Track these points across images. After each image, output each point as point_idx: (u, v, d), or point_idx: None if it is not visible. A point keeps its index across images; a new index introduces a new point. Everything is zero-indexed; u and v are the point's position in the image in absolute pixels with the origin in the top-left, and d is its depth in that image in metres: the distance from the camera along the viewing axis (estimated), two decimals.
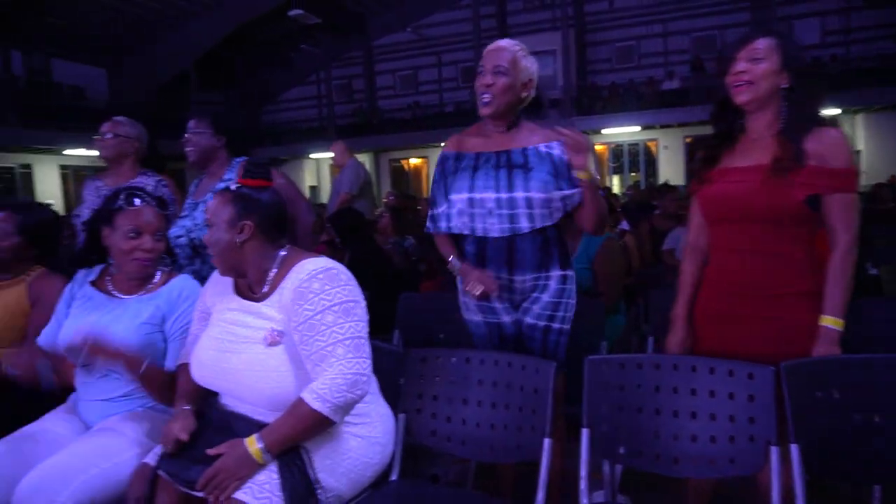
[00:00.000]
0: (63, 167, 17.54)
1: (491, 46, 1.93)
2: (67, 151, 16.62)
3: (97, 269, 1.91)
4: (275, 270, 1.57)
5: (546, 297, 1.94)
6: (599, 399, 1.64)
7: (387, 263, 3.55)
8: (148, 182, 2.69)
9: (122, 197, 1.81)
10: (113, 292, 1.84)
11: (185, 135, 2.42)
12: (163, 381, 1.73)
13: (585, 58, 18.53)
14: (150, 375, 1.70)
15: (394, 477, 1.73)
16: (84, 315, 1.79)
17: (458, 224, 1.94)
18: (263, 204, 1.58)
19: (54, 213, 2.44)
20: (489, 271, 1.91)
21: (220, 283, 1.69)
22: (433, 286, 3.60)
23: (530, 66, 1.92)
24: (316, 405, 1.40)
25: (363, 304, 1.56)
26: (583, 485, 1.60)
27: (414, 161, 20.58)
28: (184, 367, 1.69)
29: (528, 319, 1.96)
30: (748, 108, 1.65)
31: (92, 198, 2.74)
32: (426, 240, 4.71)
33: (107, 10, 16.31)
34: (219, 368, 1.54)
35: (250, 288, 1.61)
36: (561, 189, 1.88)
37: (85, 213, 2.68)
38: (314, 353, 1.46)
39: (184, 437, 1.48)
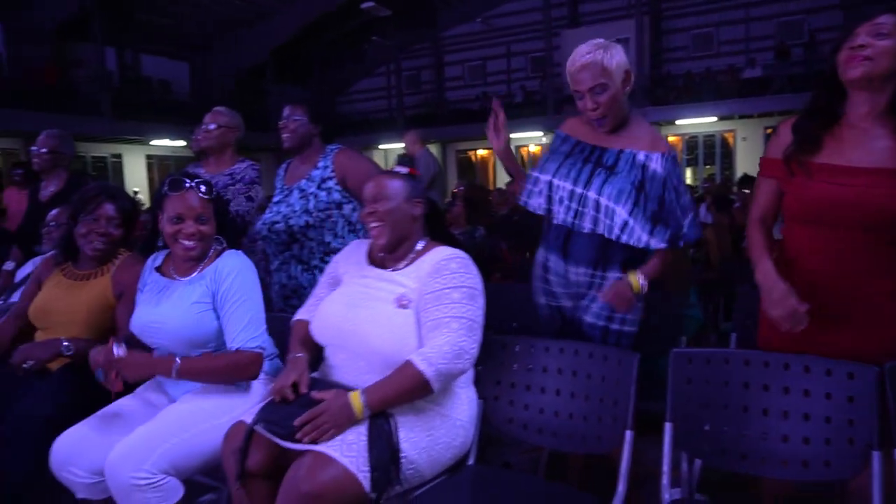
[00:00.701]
0: (149, 157, 18.55)
1: (574, 67, 1.82)
2: (154, 142, 17.56)
3: (162, 254, 1.99)
4: (420, 247, 1.73)
5: None
6: (684, 394, 1.61)
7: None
8: (241, 167, 2.82)
9: (167, 183, 1.86)
10: (173, 275, 1.91)
11: (281, 121, 2.48)
12: (216, 366, 1.75)
13: (660, 46, 17.92)
14: (190, 371, 1.73)
15: (471, 461, 1.75)
16: (150, 301, 1.88)
17: (534, 203, 1.96)
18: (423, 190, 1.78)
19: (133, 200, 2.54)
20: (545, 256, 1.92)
21: (354, 254, 1.83)
22: (504, 276, 3.60)
23: (619, 58, 1.81)
24: (422, 366, 1.49)
25: (484, 297, 1.66)
26: (665, 480, 1.57)
27: (481, 152, 20.55)
28: (299, 322, 1.82)
29: (588, 318, 1.94)
30: (858, 86, 1.48)
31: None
32: (498, 230, 4.70)
33: (192, 7, 17.09)
34: (343, 322, 1.65)
35: (384, 261, 1.75)
36: (639, 204, 1.79)
37: None
38: (431, 321, 1.56)
39: (302, 388, 1.59)
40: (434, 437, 1.60)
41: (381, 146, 20.52)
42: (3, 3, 14.96)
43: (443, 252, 1.68)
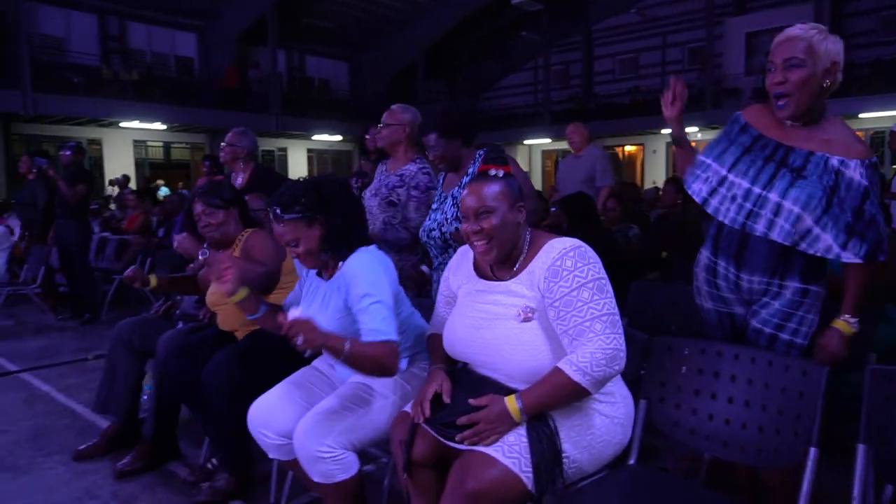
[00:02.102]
0: (310, 151, 20.07)
1: (779, 39, 1.71)
2: (314, 137, 18.96)
3: None
4: (525, 249, 1.64)
5: (777, 305, 1.76)
6: (881, 414, 1.47)
7: (616, 251, 3.50)
8: (411, 169, 2.86)
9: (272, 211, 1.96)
10: (322, 275, 1.97)
11: (429, 151, 2.55)
12: (372, 356, 1.71)
13: (842, 31, 16.07)
14: (355, 356, 1.69)
15: (631, 461, 1.73)
16: (306, 299, 2.00)
17: (696, 188, 1.84)
18: (521, 187, 1.67)
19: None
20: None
21: (462, 265, 1.79)
22: (661, 277, 3.47)
23: (831, 45, 1.66)
24: (576, 377, 1.46)
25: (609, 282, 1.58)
26: None
27: (629, 148, 19.80)
28: (433, 336, 1.84)
29: (755, 323, 1.81)
30: None
31: (375, 181, 3.03)
32: (655, 228, 4.53)
33: (351, 10, 18.16)
34: (473, 344, 1.65)
35: (492, 270, 1.68)
36: (829, 212, 1.63)
37: (367, 194, 3.00)
38: (571, 328, 1.50)
39: (445, 398, 1.60)
40: (594, 434, 1.58)
41: (525, 141, 20.50)
42: (195, 14, 16.93)
43: (552, 251, 1.57)
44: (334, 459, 1.75)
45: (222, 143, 3.91)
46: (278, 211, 1.82)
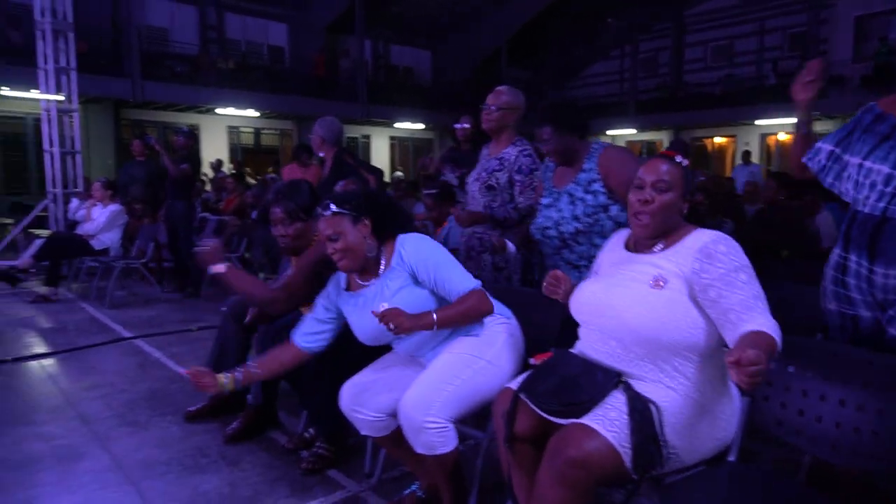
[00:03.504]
0: (392, 138, 20.41)
1: None
2: (397, 124, 19.26)
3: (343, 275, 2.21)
4: (675, 233, 1.70)
5: None
6: None
7: None
8: (511, 152, 2.87)
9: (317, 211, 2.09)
10: (361, 284, 2.09)
11: (542, 144, 2.46)
12: (462, 311, 1.94)
13: None
14: (445, 319, 1.93)
15: (731, 458, 1.71)
16: (355, 317, 2.11)
17: (818, 163, 1.79)
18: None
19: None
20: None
21: (613, 245, 1.88)
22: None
23: None
24: (778, 340, 1.45)
25: None
26: None
27: (719, 140, 18.93)
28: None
29: (892, 330, 1.72)
30: None
31: (477, 167, 3.06)
32: (756, 224, 4.36)
33: None
34: (600, 299, 1.71)
35: (637, 244, 1.77)
36: None
37: (470, 179, 3.06)
38: (737, 304, 1.52)
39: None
40: (696, 427, 1.59)
41: (609, 132, 20.00)
42: (287, 4, 17.54)
43: (703, 235, 1.64)
44: (437, 431, 1.84)
45: (311, 134, 4.32)
46: (330, 204, 1.98)
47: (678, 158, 1.72)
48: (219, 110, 15.80)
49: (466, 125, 4.66)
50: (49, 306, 5.56)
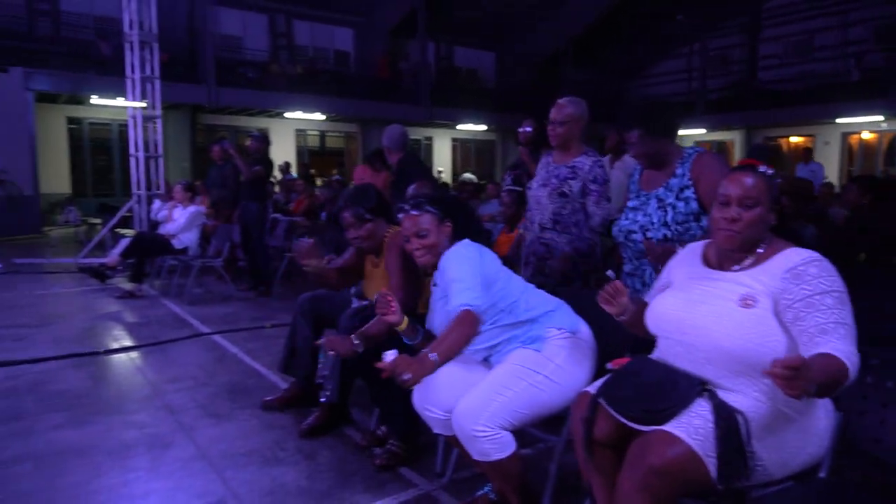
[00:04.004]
0: (454, 140, 20.52)
1: None
2: (459, 126, 19.34)
3: None
4: (762, 248, 1.65)
5: None
6: None
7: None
8: (584, 162, 2.88)
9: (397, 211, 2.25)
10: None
11: (629, 147, 2.40)
12: (453, 340, 2.02)
13: None
14: (443, 354, 2.00)
15: (822, 474, 1.64)
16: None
17: None
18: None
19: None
20: None
21: (687, 257, 1.83)
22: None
23: None
24: (852, 369, 1.41)
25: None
26: None
27: (795, 139, 18.06)
28: None
29: None
30: None
31: (542, 172, 3.08)
32: (843, 229, 4.15)
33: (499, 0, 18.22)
34: (683, 316, 1.67)
35: (720, 262, 1.72)
36: None
37: (534, 184, 3.07)
38: (813, 326, 1.47)
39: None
40: (784, 440, 1.54)
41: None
42: (352, 10, 17.91)
43: (794, 254, 1.58)
44: (489, 439, 1.85)
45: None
46: (423, 201, 2.11)
47: (762, 168, 1.66)
48: (287, 114, 16.31)
49: (529, 129, 4.66)
50: (134, 302, 5.89)
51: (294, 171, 13.27)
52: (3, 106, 11.36)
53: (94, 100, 13.14)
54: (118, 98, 12.33)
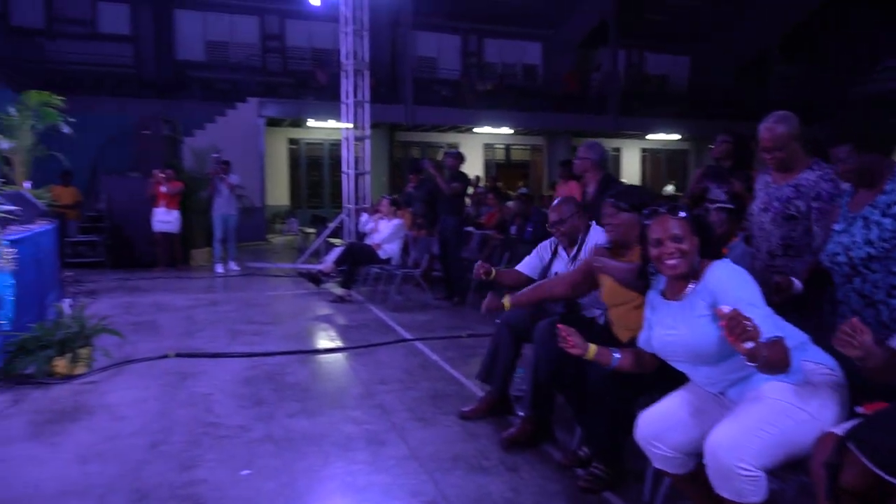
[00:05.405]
0: (643, 150, 19.71)
1: None
2: (649, 136, 18.55)
3: (664, 279, 2.13)
4: None
5: None
6: None
7: None
8: (809, 178, 2.61)
9: (646, 210, 2.10)
10: (672, 297, 2.06)
11: (836, 162, 2.23)
12: (775, 356, 1.68)
13: None
14: (770, 360, 1.67)
15: None
16: (662, 321, 2.06)
17: None
18: None
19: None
20: None
21: None
22: None
23: None
24: None
25: None
26: None
27: None
28: None
29: None
30: None
31: (761, 194, 2.85)
32: None
33: (694, 0, 17.18)
34: None
35: None
36: None
37: (755, 209, 2.84)
38: None
39: None
40: None
41: None
42: (541, 24, 18.08)
43: None
44: (751, 479, 1.71)
45: (576, 157, 4.45)
46: (678, 206, 2.06)
47: None
48: (476, 129, 16.93)
49: (724, 142, 4.33)
50: (344, 306, 6.51)
51: (482, 184, 13.70)
52: (241, 131, 13.29)
53: (311, 122, 14.82)
54: (330, 120, 13.82)
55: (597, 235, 3.10)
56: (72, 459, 2.78)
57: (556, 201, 3.34)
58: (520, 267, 3.41)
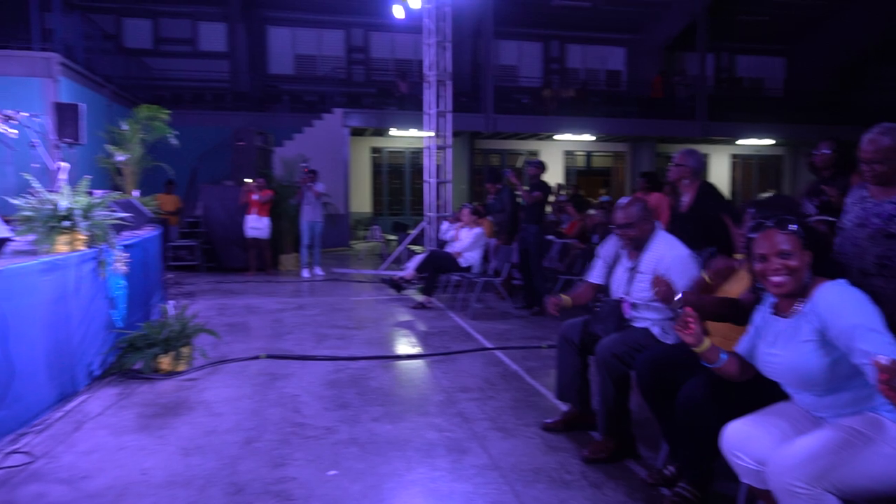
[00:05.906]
0: (734, 156, 18.84)
1: None
2: (739, 141, 17.71)
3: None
4: None
5: None
6: None
7: None
8: None
9: (750, 227, 1.98)
10: (781, 313, 1.97)
11: None
12: None
13: None
14: None
15: None
16: (766, 338, 1.98)
17: None
18: None
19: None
20: None
21: None
22: None
23: None
24: None
25: None
26: None
27: None
28: None
29: None
30: None
31: (856, 208, 2.67)
32: None
33: None
34: None
35: None
36: None
37: (847, 223, 2.67)
38: None
39: None
40: None
41: None
42: (626, 29, 17.68)
43: None
44: (811, 497, 1.63)
45: (670, 163, 4.10)
46: (788, 219, 1.93)
47: None
48: (556, 136, 16.76)
49: (826, 151, 4.06)
50: (425, 313, 6.61)
51: (563, 192, 13.53)
52: (327, 140, 13.79)
53: (393, 132, 15.16)
54: (411, 129, 14.11)
55: (663, 244, 3.01)
56: (175, 452, 2.98)
57: (622, 200, 3.17)
58: (590, 277, 3.37)
